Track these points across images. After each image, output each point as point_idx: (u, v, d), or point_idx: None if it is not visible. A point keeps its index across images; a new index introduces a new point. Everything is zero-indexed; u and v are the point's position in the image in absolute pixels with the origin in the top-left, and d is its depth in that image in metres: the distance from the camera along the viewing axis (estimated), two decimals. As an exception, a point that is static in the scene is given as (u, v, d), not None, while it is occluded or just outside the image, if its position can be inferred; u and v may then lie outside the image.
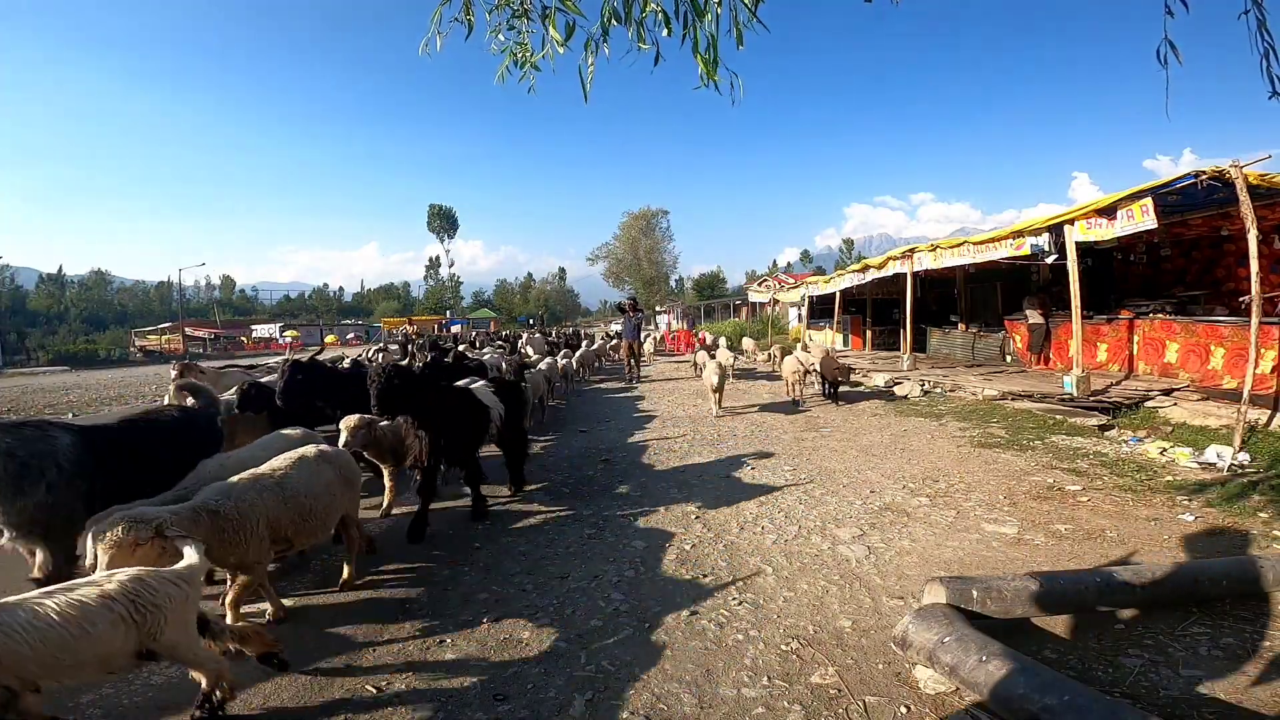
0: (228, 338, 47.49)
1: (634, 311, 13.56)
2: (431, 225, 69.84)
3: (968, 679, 2.21)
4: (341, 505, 3.32)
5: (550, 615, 3.13)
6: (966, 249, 9.73)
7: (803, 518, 4.42)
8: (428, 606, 3.28)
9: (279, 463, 3.14)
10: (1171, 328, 8.21)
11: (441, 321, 49.16)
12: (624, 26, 2.24)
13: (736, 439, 7.18)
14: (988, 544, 3.83)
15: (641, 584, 3.45)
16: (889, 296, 16.61)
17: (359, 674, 2.67)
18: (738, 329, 24.19)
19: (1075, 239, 7.51)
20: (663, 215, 48.35)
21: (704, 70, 2.21)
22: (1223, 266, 10.06)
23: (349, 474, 3.46)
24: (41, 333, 53.78)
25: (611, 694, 2.48)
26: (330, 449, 3.47)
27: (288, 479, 3.04)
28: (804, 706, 2.36)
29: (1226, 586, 2.86)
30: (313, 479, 3.14)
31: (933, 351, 13.95)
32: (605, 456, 6.55)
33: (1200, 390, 7.23)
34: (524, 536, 4.28)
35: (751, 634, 2.87)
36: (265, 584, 3.02)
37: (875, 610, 3.06)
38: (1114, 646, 2.64)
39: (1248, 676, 2.39)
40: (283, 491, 2.96)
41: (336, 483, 3.28)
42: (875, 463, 5.84)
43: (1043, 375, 9.69)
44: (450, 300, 68.38)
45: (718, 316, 32.83)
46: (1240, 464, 5.00)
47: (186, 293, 64.30)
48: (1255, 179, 5.79)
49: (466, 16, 2.34)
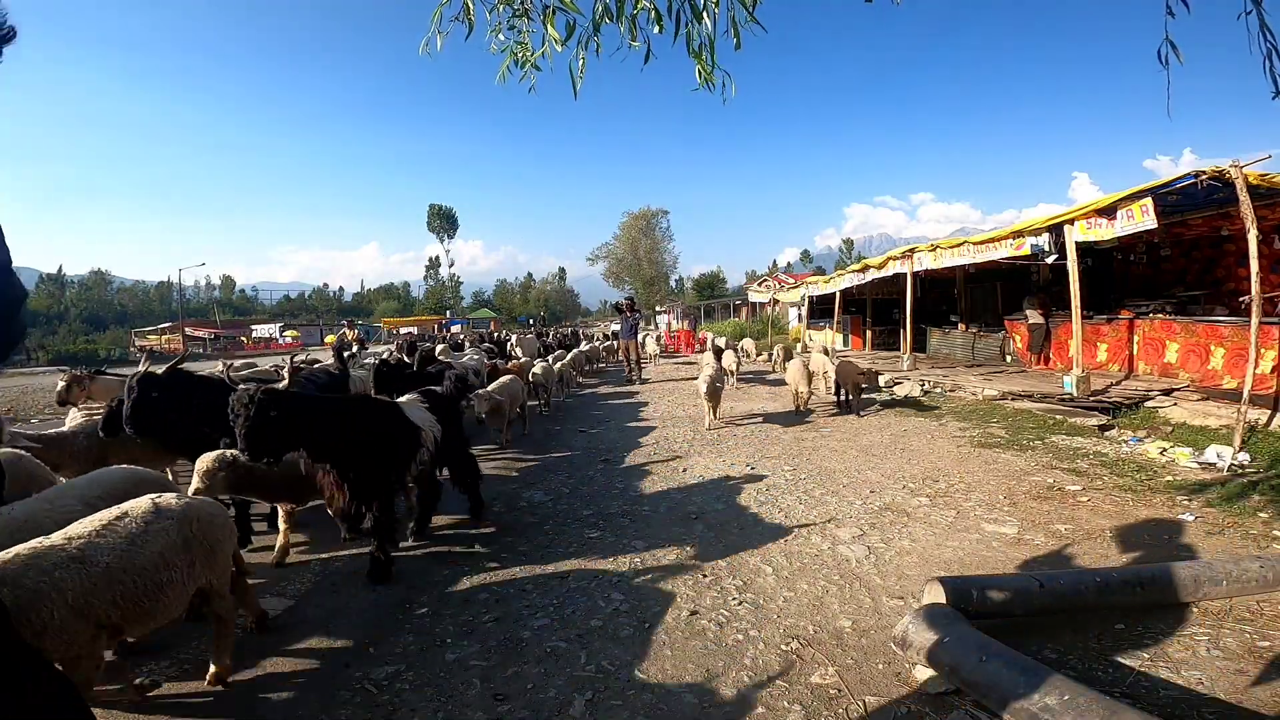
0: (228, 338, 47.46)
1: (631, 311, 13.57)
2: (431, 225, 69.82)
3: (968, 679, 2.21)
4: (195, 577, 2.42)
5: (550, 615, 3.13)
6: (966, 249, 9.73)
7: (803, 518, 4.41)
8: (428, 606, 3.28)
9: (87, 525, 2.22)
10: (1171, 328, 8.21)
11: (441, 321, 49.14)
12: (615, 23, 2.24)
13: (736, 439, 7.18)
14: (988, 544, 3.82)
15: (641, 584, 3.45)
16: (889, 296, 16.61)
17: (359, 671, 2.68)
18: (737, 329, 24.20)
19: (1075, 239, 7.51)
20: (663, 215, 48.40)
21: (701, 72, 2.21)
22: (1223, 266, 10.06)
23: (205, 534, 2.47)
24: (41, 333, 53.79)
25: (611, 694, 2.48)
26: (175, 501, 2.47)
27: (94, 549, 2.12)
28: (804, 706, 2.36)
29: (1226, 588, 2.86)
30: (138, 546, 2.22)
31: (933, 351, 13.95)
32: (605, 457, 6.55)
33: (1200, 390, 7.23)
34: (524, 537, 4.27)
35: (751, 634, 2.87)
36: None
37: (875, 610, 3.06)
38: (1114, 646, 2.64)
39: (1248, 676, 2.39)
40: (86, 568, 2.06)
41: (178, 548, 2.34)
42: (875, 463, 5.84)
43: (1043, 375, 9.69)
44: (450, 300, 68.38)
45: (718, 316, 32.83)
46: (1240, 464, 5.00)
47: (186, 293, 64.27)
48: (1255, 179, 5.79)
49: (467, 16, 2.33)
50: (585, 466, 6.20)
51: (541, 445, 7.25)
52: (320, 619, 3.16)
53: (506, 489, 5.45)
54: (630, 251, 47.37)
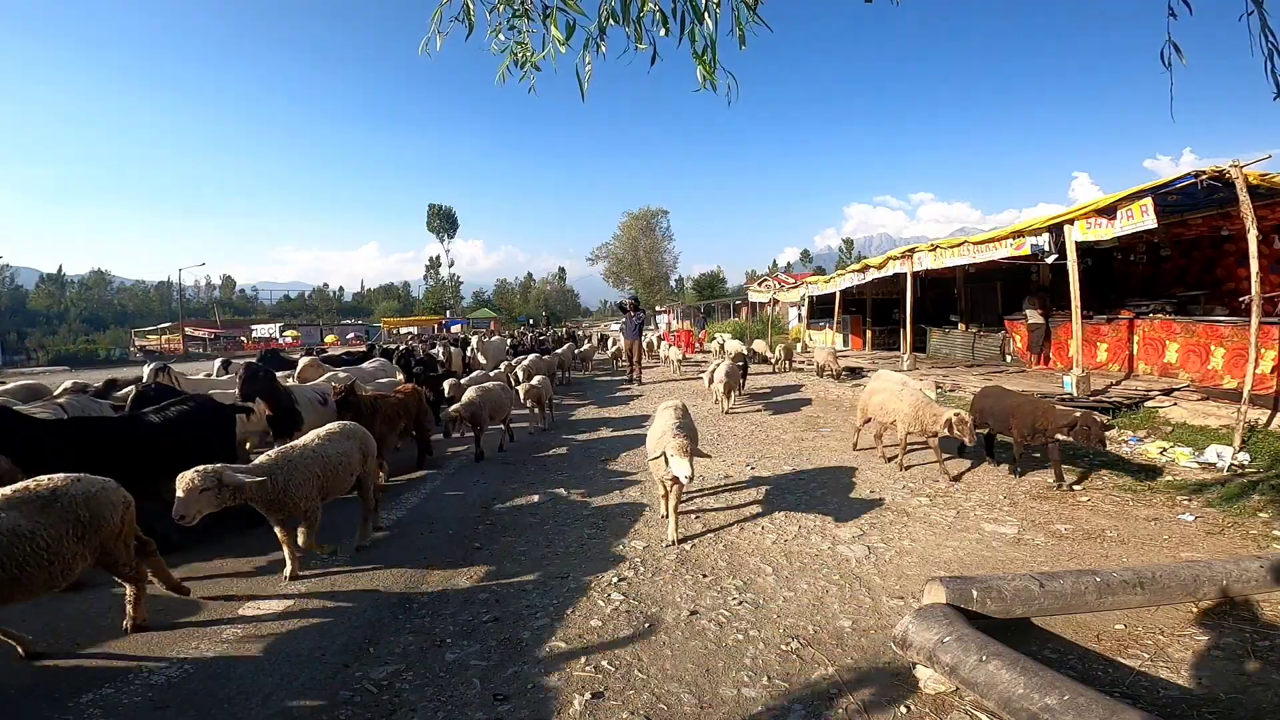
0: (227, 337, 47.41)
1: (634, 311, 13.56)
2: (431, 225, 69.76)
3: (968, 679, 2.21)
4: None
5: (550, 615, 3.13)
6: (966, 249, 9.73)
7: (803, 518, 4.42)
8: (428, 606, 3.28)
9: None
10: (1171, 328, 8.21)
11: (441, 321, 49.09)
12: (621, 26, 2.23)
13: (736, 439, 7.18)
14: (988, 544, 3.83)
15: (641, 584, 3.45)
16: (889, 296, 16.60)
17: (359, 671, 2.68)
18: (737, 329, 24.16)
19: (1075, 239, 7.50)
20: (662, 215, 48.45)
21: (703, 73, 2.21)
22: (1223, 266, 10.05)
23: None
24: (41, 332, 53.71)
25: (611, 694, 2.48)
26: None
27: None
28: (804, 706, 2.36)
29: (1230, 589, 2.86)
30: None
31: (933, 351, 13.95)
32: (605, 457, 6.55)
33: (1200, 390, 7.23)
34: (524, 536, 4.27)
35: (751, 634, 2.87)
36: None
37: (875, 610, 3.06)
38: (1114, 646, 2.64)
39: (1248, 676, 2.39)
40: None
41: None
42: (875, 463, 5.83)
43: (1043, 375, 9.68)
44: (450, 300, 68.31)
45: (718, 316, 32.81)
46: (1240, 464, 5.00)
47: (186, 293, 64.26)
48: (1255, 179, 5.78)
49: (467, 17, 2.33)
50: (585, 467, 6.20)
51: (541, 445, 7.25)
52: (320, 619, 3.17)
53: (506, 489, 5.46)
54: (630, 251, 47.39)
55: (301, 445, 3.78)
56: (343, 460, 3.86)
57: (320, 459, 3.71)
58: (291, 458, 3.59)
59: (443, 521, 4.60)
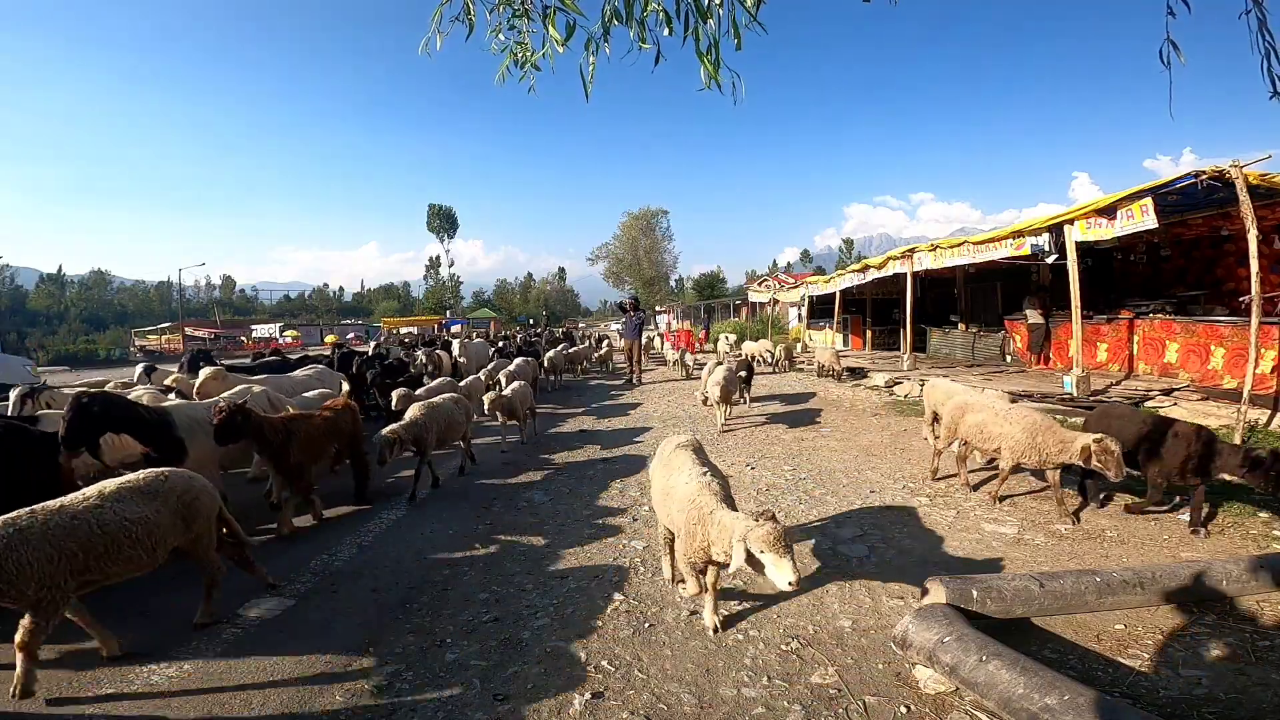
0: (227, 337, 47.40)
1: (635, 311, 13.55)
2: (431, 225, 69.75)
3: (968, 679, 2.21)
4: None
5: (550, 615, 3.13)
6: (966, 249, 9.73)
7: (803, 517, 4.41)
8: (427, 606, 3.28)
9: None
10: (1171, 328, 8.22)
11: (441, 321, 49.07)
12: (625, 26, 2.23)
13: (736, 439, 7.18)
14: (988, 544, 3.82)
15: (641, 584, 3.45)
16: (889, 296, 16.61)
17: (360, 674, 2.68)
18: (737, 329, 24.16)
19: (1075, 239, 7.51)
20: (662, 215, 48.43)
21: (708, 71, 2.21)
22: (1223, 266, 10.06)
23: None
24: (41, 332, 53.76)
25: (611, 694, 2.48)
26: None
27: None
28: (804, 706, 2.35)
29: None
30: None
31: (933, 351, 13.96)
32: (605, 457, 6.55)
33: (1200, 390, 7.23)
34: (524, 536, 4.27)
35: (751, 634, 2.87)
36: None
37: (875, 610, 3.06)
38: (1114, 646, 2.64)
39: (1248, 676, 2.39)
40: None
41: None
42: (875, 463, 5.84)
43: (1043, 375, 9.69)
44: (450, 300, 68.27)
45: (718, 316, 32.80)
46: (1240, 464, 4.99)
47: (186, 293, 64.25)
48: (1255, 179, 5.79)
49: (467, 16, 2.33)
50: (584, 467, 6.20)
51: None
52: (321, 620, 3.17)
53: (506, 489, 5.45)
54: (630, 251, 47.37)
55: (48, 509, 2.55)
56: (129, 530, 2.66)
57: (78, 529, 2.53)
58: (19, 526, 2.41)
59: (442, 520, 4.58)
